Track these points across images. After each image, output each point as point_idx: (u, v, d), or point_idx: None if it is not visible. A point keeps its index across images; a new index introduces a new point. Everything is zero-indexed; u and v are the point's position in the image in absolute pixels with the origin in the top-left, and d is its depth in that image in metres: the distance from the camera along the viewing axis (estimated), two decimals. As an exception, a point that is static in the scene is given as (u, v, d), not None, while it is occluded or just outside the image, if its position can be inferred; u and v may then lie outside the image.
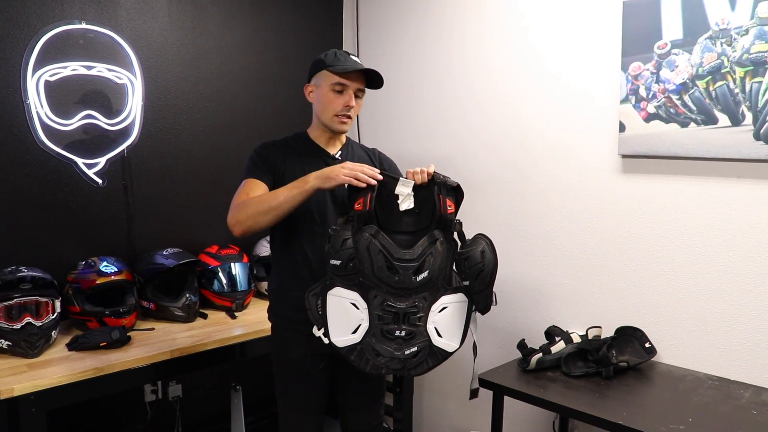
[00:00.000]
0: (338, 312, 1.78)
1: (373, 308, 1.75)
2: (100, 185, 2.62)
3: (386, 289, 1.75)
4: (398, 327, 1.75)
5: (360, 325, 1.77)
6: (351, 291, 1.76)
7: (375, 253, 1.73)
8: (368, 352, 1.77)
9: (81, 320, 2.40)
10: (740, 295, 2.16)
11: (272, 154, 2.02)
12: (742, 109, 2.08)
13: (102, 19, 2.59)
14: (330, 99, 2.00)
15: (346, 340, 1.78)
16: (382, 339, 1.76)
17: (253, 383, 3.03)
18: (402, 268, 1.74)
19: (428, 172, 1.84)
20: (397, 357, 1.76)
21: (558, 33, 2.55)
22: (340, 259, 1.75)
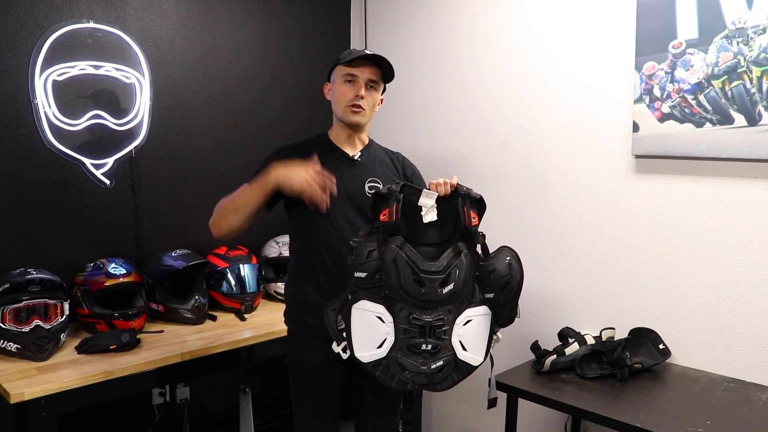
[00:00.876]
0: (363, 326, 1.74)
1: (399, 322, 1.71)
2: (107, 186, 2.60)
3: (412, 301, 1.71)
4: (425, 341, 1.71)
5: (386, 339, 1.72)
6: (377, 304, 1.72)
7: (402, 265, 1.70)
8: (394, 367, 1.73)
9: (90, 323, 2.38)
10: (756, 296, 2.14)
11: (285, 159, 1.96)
12: (759, 109, 2.06)
13: (110, 18, 2.56)
14: (341, 91, 2.00)
15: (371, 355, 1.74)
16: (408, 353, 1.72)
17: (261, 385, 3.01)
18: (428, 281, 1.70)
19: (451, 184, 1.82)
20: (423, 372, 1.73)
21: (571, 32, 2.54)
22: (366, 272, 1.71)
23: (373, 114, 2.06)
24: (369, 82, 2.00)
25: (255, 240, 3.03)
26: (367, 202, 1.95)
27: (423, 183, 2.13)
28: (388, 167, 2.11)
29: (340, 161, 2.02)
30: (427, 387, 1.79)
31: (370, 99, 2.01)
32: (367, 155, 2.08)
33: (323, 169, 1.83)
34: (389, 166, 2.11)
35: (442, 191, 1.81)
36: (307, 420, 2.09)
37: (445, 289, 1.71)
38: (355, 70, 1.98)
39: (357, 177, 2.02)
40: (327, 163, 1.96)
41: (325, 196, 1.79)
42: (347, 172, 2.01)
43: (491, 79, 2.82)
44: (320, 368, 2.00)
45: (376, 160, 2.09)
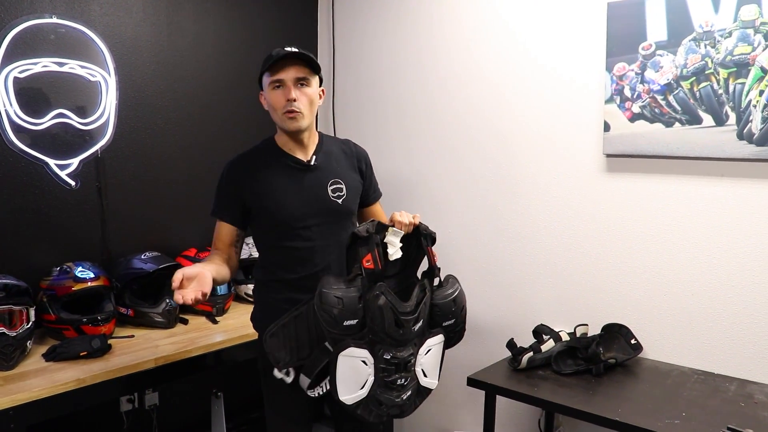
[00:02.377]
0: (349, 371, 1.77)
1: (378, 362, 1.77)
2: (72, 187, 2.51)
3: (390, 342, 1.77)
4: (400, 376, 1.79)
5: (367, 380, 1.78)
6: (362, 349, 1.77)
7: (387, 311, 1.74)
8: (372, 404, 1.81)
9: (57, 329, 2.29)
10: (723, 290, 2.21)
11: (239, 179, 1.95)
12: (725, 110, 2.13)
13: (74, 14, 2.48)
14: (274, 99, 1.91)
15: (355, 397, 1.79)
16: (385, 389, 1.80)
17: (232, 389, 2.96)
18: (406, 322, 1.76)
19: (414, 223, 1.86)
20: (397, 404, 1.81)
21: (543, 33, 2.57)
22: (357, 318, 1.75)
23: (314, 111, 1.96)
24: (297, 81, 1.90)
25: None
26: (333, 206, 1.95)
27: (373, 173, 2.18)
28: (345, 161, 2.06)
29: (295, 169, 1.96)
30: (398, 416, 1.89)
31: (304, 98, 1.91)
32: (322, 156, 2.01)
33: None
34: (345, 159, 2.06)
35: (406, 230, 1.86)
36: (281, 424, 2.07)
37: (416, 326, 1.79)
38: (280, 74, 1.89)
39: (318, 182, 1.97)
40: (281, 174, 1.94)
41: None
42: (306, 179, 1.96)
43: (463, 79, 2.84)
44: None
45: (332, 159, 2.03)
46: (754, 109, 2.07)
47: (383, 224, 1.85)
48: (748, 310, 2.17)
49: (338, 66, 3.35)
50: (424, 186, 2.99)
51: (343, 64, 3.33)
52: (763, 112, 2.05)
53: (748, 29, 2.06)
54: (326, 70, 3.41)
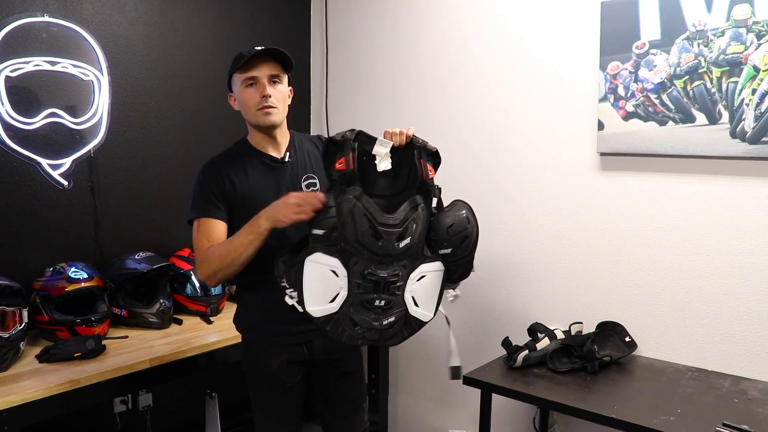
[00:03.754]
0: (316, 280, 1.67)
1: (353, 276, 1.66)
2: (65, 187, 2.49)
3: (368, 255, 1.65)
4: (378, 296, 1.67)
5: (338, 293, 1.67)
6: (332, 257, 1.66)
7: (359, 217, 1.64)
8: (345, 322, 1.69)
9: (50, 330, 2.28)
10: (717, 288, 2.23)
11: (218, 178, 1.90)
12: (718, 108, 2.15)
13: (66, 12, 2.46)
14: (247, 96, 1.91)
15: (323, 310, 1.68)
16: (361, 309, 1.68)
17: (227, 389, 2.95)
18: (386, 234, 1.65)
19: (407, 135, 1.77)
20: (374, 327, 1.69)
21: (537, 32, 2.58)
22: (324, 229, 1.65)
23: (286, 108, 1.97)
24: (271, 78, 1.91)
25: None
26: None
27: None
28: (319, 156, 2.02)
29: (269, 166, 1.96)
30: (376, 342, 1.77)
31: (278, 94, 1.92)
32: (293, 153, 2.00)
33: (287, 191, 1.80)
34: (318, 155, 2.03)
35: (397, 141, 1.76)
36: (271, 425, 2.05)
37: (401, 243, 1.67)
38: (253, 72, 1.89)
39: (292, 179, 1.96)
40: (257, 172, 1.93)
41: (315, 202, 1.70)
42: (280, 176, 1.95)
43: (457, 78, 2.84)
44: (281, 373, 1.96)
45: (305, 154, 2.02)
46: (747, 107, 2.09)
47: (368, 135, 1.76)
48: (742, 308, 2.18)
49: (331, 65, 3.34)
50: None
51: (336, 63, 3.33)
52: (755, 111, 2.07)
53: (740, 28, 2.08)
54: (319, 69, 3.41)
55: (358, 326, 1.69)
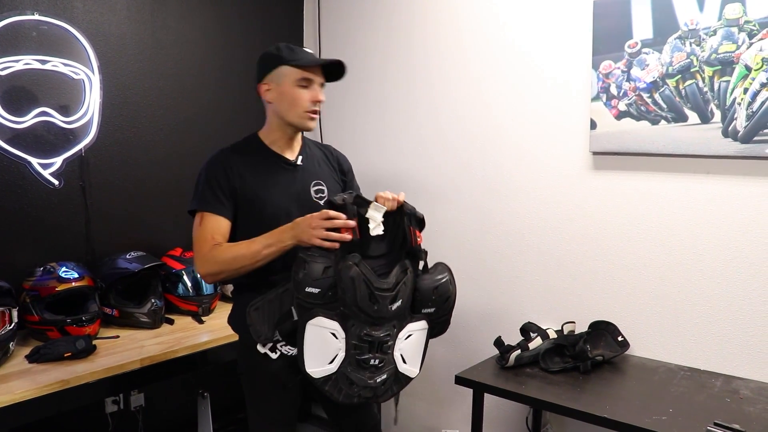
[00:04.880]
0: (317, 342, 1.71)
1: (351, 337, 1.69)
2: (56, 186, 2.48)
3: (364, 318, 1.69)
4: (373, 356, 1.71)
5: (337, 355, 1.70)
6: (332, 321, 1.69)
7: (359, 283, 1.67)
8: (342, 382, 1.73)
9: (40, 330, 2.27)
10: (709, 287, 2.23)
11: (228, 173, 1.87)
12: (711, 107, 2.15)
13: (56, 11, 2.45)
14: (297, 95, 1.88)
15: (323, 371, 1.71)
16: (357, 368, 1.72)
17: (218, 389, 2.94)
18: (381, 298, 1.68)
19: (398, 201, 1.81)
20: (369, 385, 1.73)
21: (529, 32, 2.58)
22: (320, 288, 1.68)
23: None
24: (321, 85, 1.94)
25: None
26: (314, 206, 1.90)
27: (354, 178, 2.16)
28: (326, 165, 2.07)
29: (282, 168, 1.95)
30: (371, 399, 1.80)
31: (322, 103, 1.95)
32: (305, 157, 2.01)
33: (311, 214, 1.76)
34: (326, 163, 2.07)
35: (390, 206, 1.80)
36: (267, 426, 2.02)
37: (394, 306, 1.71)
38: (311, 74, 1.89)
39: (302, 182, 1.96)
40: (269, 171, 1.91)
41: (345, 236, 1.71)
42: (291, 179, 1.95)
43: (449, 76, 2.84)
44: (281, 375, 1.93)
45: (315, 161, 2.03)
46: (739, 106, 2.08)
47: (363, 198, 1.80)
48: (734, 307, 2.18)
49: (325, 64, 3.34)
50: (411, 183, 2.98)
51: (329, 62, 3.32)
52: (747, 110, 2.07)
53: (732, 27, 2.08)
54: (312, 68, 3.40)
55: (355, 385, 1.73)
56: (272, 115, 1.95)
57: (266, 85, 1.91)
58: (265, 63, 1.92)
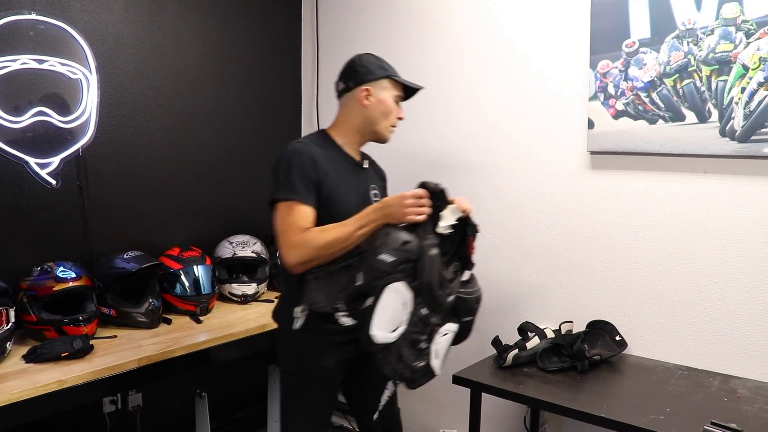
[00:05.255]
0: (390, 307, 1.71)
1: (413, 315, 1.72)
2: (53, 186, 2.47)
3: (428, 300, 1.73)
4: (424, 339, 1.75)
5: (400, 326, 1.72)
6: (409, 291, 1.71)
7: (436, 265, 1.73)
8: (394, 355, 1.73)
9: (37, 330, 2.26)
10: (707, 287, 2.23)
11: (312, 166, 1.87)
12: (708, 107, 2.15)
13: (54, 10, 2.44)
14: (392, 109, 2.00)
15: (385, 337, 1.71)
16: (410, 346, 1.74)
17: (216, 389, 2.94)
18: (445, 287, 1.76)
19: (469, 210, 1.86)
20: (412, 367, 1.75)
21: (527, 31, 2.58)
22: (395, 257, 1.69)
23: None
24: None
25: (208, 240, 2.96)
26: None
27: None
28: (375, 171, 2.16)
29: (352, 168, 2.01)
30: (407, 381, 1.79)
31: None
32: (370, 165, 2.11)
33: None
34: (374, 170, 2.16)
35: (464, 213, 1.85)
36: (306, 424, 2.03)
37: (449, 299, 1.77)
38: (402, 94, 2.05)
39: (365, 185, 2.04)
40: (345, 171, 1.97)
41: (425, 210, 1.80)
42: (359, 181, 2.02)
43: (447, 75, 2.84)
44: (334, 373, 1.99)
45: (372, 166, 2.13)
46: (736, 106, 2.09)
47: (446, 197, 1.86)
48: (732, 306, 2.18)
49: (322, 62, 3.34)
50: (408, 183, 2.97)
51: (327, 60, 3.32)
52: (744, 109, 2.07)
53: (729, 27, 2.08)
54: (310, 68, 3.41)
55: (402, 362, 1.74)
56: (357, 117, 2.00)
57: (366, 90, 1.98)
58: (370, 69, 2.00)
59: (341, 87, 2.04)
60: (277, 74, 3.35)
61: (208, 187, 3.05)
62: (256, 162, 3.25)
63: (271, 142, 3.33)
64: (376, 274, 1.70)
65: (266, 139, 3.30)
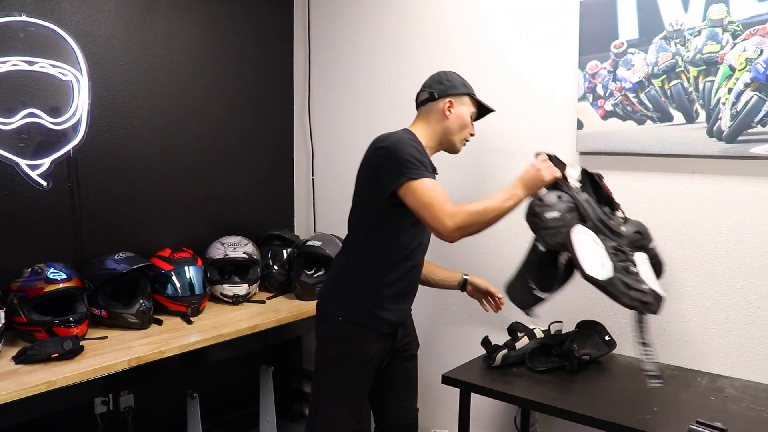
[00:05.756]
0: (587, 247, 1.84)
1: (607, 248, 1.85)
2: (44, 188, 2.47)
3: (608, 233, 1.90)
4: (631, 265, 1.86)
5: (605, 261, 1.83)
6: (589, 230, 1.86)
7: (592, 203, 1.93)
8: (620, 286, 1.82)
9: (28, 331, 2.27)
10: (694, 286, 2.24)
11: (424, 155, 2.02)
12: (695, 107, 2.16)
13: (44, 12, 2.44)
14: (468, 124, 2.15)
15: (602, 273, 1.81)
16: (625, 273, 1.83)
17: (208, 389, 2.95)
18: (613, 219, 1.96)
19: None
20: (642, 289, 1.83)
21: (516, 32, 2.59)
22: (559, 212, 1.88)
23: None
24: None
25: (199, 241, 2.96)
26: None
27: None
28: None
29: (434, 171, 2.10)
30: (647, 306, 1.86)
31: None
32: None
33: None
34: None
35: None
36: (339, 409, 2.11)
37: (623, 228, 1.97)
38: (477, 112, 2.19)
39: None
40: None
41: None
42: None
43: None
44: (375, 361, 2.12)
45: None
46: (723, 106, 2.10)
47: (560, 159, 2.04)
48: (720, 306, 2.20)
49: (314, 64, 3.35)
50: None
51: (318, 62, 3.33)
52: (731, 110, 2.08)
53: (716, 28, 2.09)
54: (302, 68, 3.41)
55: (632, 289, 1.83)
56: (437, 127, 2.13)
57: (450, 103, 2.11)
58: (454, 85, 2.14)
59: (425, 96, 2.15)
60: (269, 74, 3.35)
61: (199, 188, 3.05)
62: (248, 162, 3.25)
63: (263, 142, 3.34)
64: (554, 232, 1.87)
65: (258, 140, 3.31)
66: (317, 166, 3.42)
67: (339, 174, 3.31)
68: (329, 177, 3.38)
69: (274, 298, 2.98)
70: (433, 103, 2.12)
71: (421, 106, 2.17)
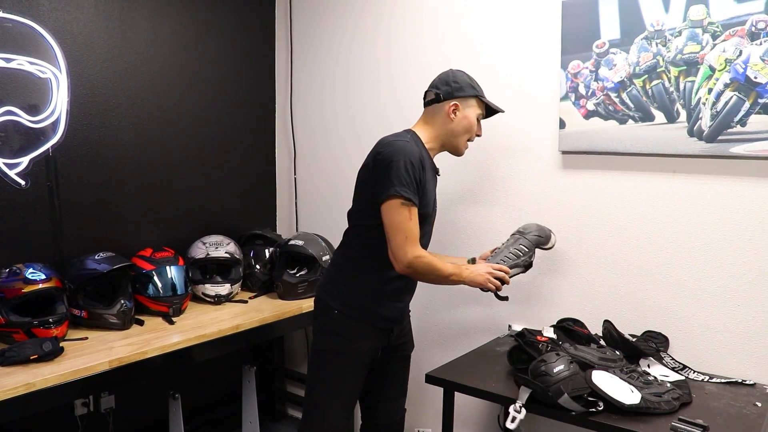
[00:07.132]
0: (611, 384, 1.91)
1: (621, 377, 1.98)
2: (23, 187, 2.44)
3: (611, 365, 2.05)
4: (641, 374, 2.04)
5: (629, 388, 1.93)
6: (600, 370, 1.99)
7: (583, 348, 2.13)
8: (652, 399, 1.91)
9: (6, 332, 2.23)
10: (676, 284, 2.26)
11: (420, 168, 2.01)
12: (676, 107, 2.18)
13: (21, 8, 2.40)
14: (473, 126, 2.14)
15: (636, 397, 1.88)
16: (647, 386, 1.97)
17: (190, 390, 2.92)
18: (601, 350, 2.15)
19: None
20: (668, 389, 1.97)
21: (498, 32, 2.59)
22: (562, 364, 1.93)
23: None
24: None
25: (181, 241, 2.94)
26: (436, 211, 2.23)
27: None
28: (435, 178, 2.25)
29: (432, 174, 2.16)
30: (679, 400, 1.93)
31: None
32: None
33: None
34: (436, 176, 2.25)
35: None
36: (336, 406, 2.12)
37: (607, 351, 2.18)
38: (482, 113, 2.18)
39: (435, 189, 2.20)
40: (429, 174, 2.11)
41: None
42: (434, 185, 2.19)
43: (418, 78, 2.82)
44: (369, 355, 2.13)
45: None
46: (704, 106, 2.12)
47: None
48: (701, 304, 2.22)
49: (296, 62, 3.33)
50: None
51: (300, 62, 3.31)
52: (711, 110, 2.10)
53: (696, 29, 2.11)
54: (284, 68, 3.39)
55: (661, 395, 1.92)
56: (441, 128, 2.14)
57: (455, 105, 2.11)
58: (462, 87, 2.12)
59: (431, 96, 2.15)
60: (251, 73, 3.33)
61: (181, 187, 3.02)
62: (230, 161, 3.23)
63: (245, 141, 3.32)
64: (567, 381, 1.89)
65: (240, 139, 3.28)
66: (299, 165, 3.40)
67: (321, 173, 3.30)
68: (312, 176, 3.36)
69: (256, 298, 2.96)
70: (438, 104, 2.12)
71: (427, 106, 2.17)
